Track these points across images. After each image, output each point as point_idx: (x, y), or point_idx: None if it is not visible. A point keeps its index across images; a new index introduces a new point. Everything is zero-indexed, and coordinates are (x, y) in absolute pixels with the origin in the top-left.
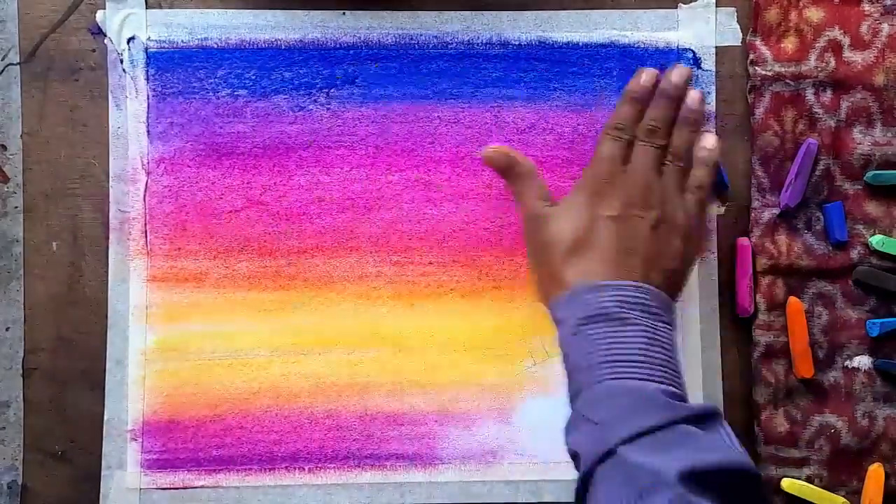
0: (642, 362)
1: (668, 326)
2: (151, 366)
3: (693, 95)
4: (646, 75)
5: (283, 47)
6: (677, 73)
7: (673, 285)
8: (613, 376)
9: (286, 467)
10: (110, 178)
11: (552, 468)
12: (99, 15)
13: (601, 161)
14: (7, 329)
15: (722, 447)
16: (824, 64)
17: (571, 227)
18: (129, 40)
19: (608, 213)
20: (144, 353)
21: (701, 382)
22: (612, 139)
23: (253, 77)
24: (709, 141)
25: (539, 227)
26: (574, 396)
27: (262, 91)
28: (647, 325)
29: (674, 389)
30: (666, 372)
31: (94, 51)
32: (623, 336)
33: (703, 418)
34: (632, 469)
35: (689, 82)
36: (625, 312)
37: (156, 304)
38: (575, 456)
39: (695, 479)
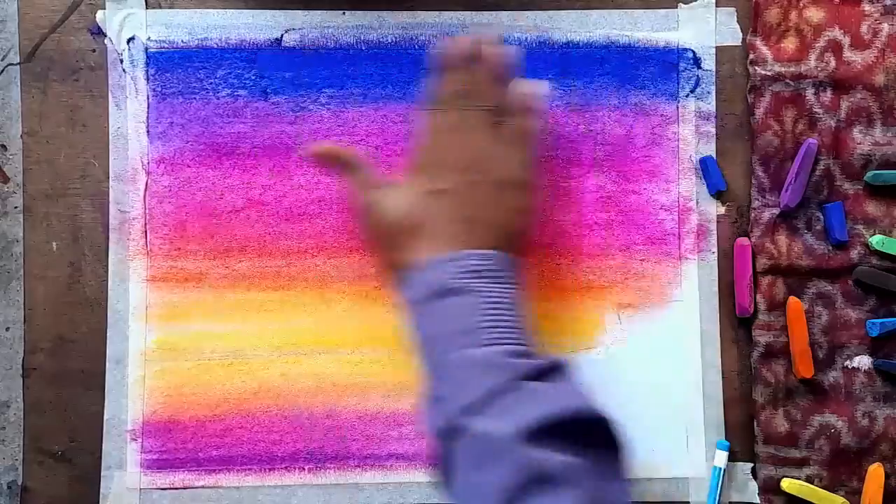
0: (485, 328)
1: (512, 287)
2: (151, 366)
3: (505, 49)
4: (456, 42)
5: (283, 47)
6: (486, 38)
7: (517, 242)
8: (457, 349)
9: (286, 467)
10: (110, 178)
11: None
12: (99, 15)
13: (427, 135)
14: (7, 329)
15: (565, 397)
16: (824, 64)
17: (406, 207)
18: (129, 40)
19: (441, 186)
20: (144, 353)
21: (701, 383)
22: (434, 111)
23: (253, 77)
24: (526, 86)
25: (374, 213)
26: (424, 376)
27: (262, 91)
28: (490, 291)
29: (515, 348)
30: (511, 333)
31: (94, 51)
32: (464, 307)
33: (548, 371)
34: (479, 440)
35: (497, 40)
36: (464, 283)
37: (156, 304)
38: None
39: (539, 434)
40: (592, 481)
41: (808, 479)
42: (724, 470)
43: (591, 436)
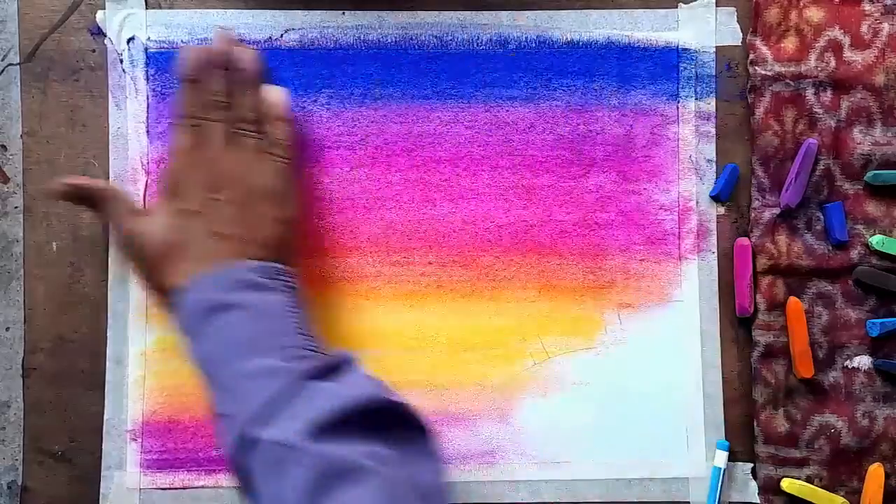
0: (258, 337)
1: (282, 293)
2: (151, 366)
3: (245, 54)
4: (192, 52)
5: (283, 47)
6: (219, 39)
7: (281, 249)
8: (235, 362)
9: None
10: (110, 178)
11: (552, 468)
12: (99, 15)
13: (172, 155)
14: (7, 329)
15: (353, 389)
16: (824, 64)
17: (161, 233)
18: (129, 40)
19: (189, 206)
20: (144, 353)
21: (701, 382)
22: (179, 129)
23: None
24: (272, 94)
25: (135, 242)
26: (209, 397)
27: None
28: (257, 301)
29: (300, 352)
30: (287, 338)
31: (94, 51)
32: (234, 321)
33: (334, 368)
34: (270, 449)
35: (233, 43)
36: (232, 296)
37: (156, 304)
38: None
39: (330, 430)
40: (397, 466)
41: (808, 479)
42: (724, 470)
43: (389, 422)
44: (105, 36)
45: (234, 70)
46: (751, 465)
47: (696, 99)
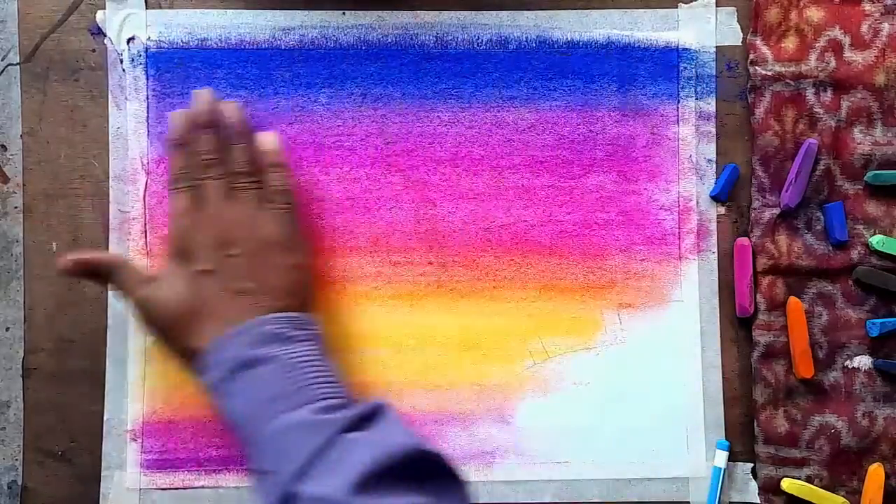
0: (293, 391)
1: (311, 343)
2: (151, 366)
3: (228, 108)
4: (178, 117)
5: (283, 47)
6: (202, 100)
7: (299, 296)
8: (270, 418)
9: None
10: (110, 178)
11: (552, 468)
12: (99, 15)
13: (173, 219)
14: (7, 329)
15: (389, 440)
16: (824, 64)
17: (176, 297)
18: (129, 40)
19: (202, 266)
20: (144, 353)
21: (701, 382)
22: (176, 193)
23: (253, 77)
24: (266, 140)
25: (150, 310)
26: (246, 455)
27: (262, 91)
28: (288, 353)
29: (326, 403)
30: (321, 389)
31: (94, 51)
32: (266, 376)
33: (368, 417)
34: None
35: (215, 101)
36: (262, 351)
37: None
38: None
39: (371, 483)
40: None
41: (808, 479)
42: (724, 470)
43: (425, 472)
44: (105, 36)
45: (222, 126)
46: (751, 465)
47: (696, 99)
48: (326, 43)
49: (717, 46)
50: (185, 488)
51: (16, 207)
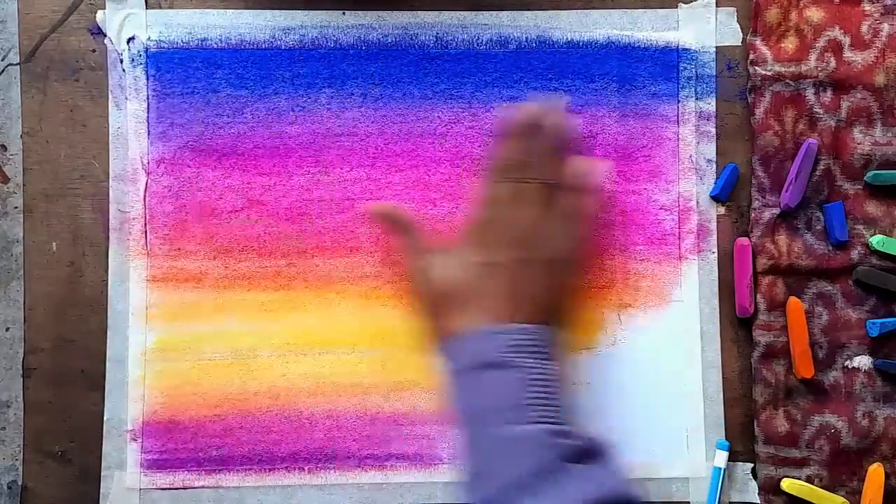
0: (529, 405)
1: (555, 364)
2: (151, 366)
3: (565, 121)
4: (523, 112)
5: (283, 47)
6: (551, 105)
7: (562, 318)
8: (499, 424)
9: (286, 467)
10: (110, 178)
11: None
12: (99, 15)
13: (486, 206)
14: (7, 329)
15: (605, 481)
16: (824, 64)
17: (455, 276)
18: (129, 40)
19: (493, 259)
20: (144, 353)
21: (701, 383)
22: (497, 181)
23: (253, 77)
24: (584, 165)
25: (423, 279)
26: (463, 448)
27: (262, 91)
28: (534, 367)
29: (559, 427)
30: (554, 412)
31: (94, 51)
32: (508, 382)
33: (588, 452)
34: None
35: (562, 110)
36: (509, 357)
37: (156, 304)
38: None
39: None
40: None
41: (808, 479)
42: (724, 470)
43: None
44: (105, 36)
45: (551, 133)
46: (751, 465)
47: (696, 99)
48: (327, 43)
49: (717, 46)
50: (185, 488)
51: (16, 207)
